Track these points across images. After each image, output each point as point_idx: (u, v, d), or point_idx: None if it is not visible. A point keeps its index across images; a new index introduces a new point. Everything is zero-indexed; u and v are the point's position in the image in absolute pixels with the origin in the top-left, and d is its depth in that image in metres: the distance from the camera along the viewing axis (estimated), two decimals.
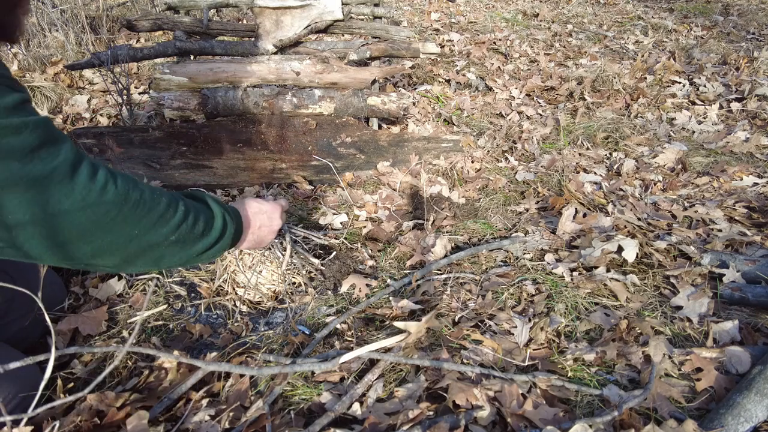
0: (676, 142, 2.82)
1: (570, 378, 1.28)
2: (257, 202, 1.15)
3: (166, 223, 0.86)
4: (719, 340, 1.38)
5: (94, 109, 3.08)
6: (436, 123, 3.06)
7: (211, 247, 0.95)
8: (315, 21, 2.52)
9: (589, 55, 4.35)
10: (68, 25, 3.74)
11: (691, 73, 3.82)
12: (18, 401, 1.09)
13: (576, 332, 1.44)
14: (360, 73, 2.55)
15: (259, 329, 1.52)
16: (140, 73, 3.59)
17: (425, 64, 4.01)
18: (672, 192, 2.26)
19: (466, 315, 1.52)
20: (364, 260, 1.87)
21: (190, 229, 0.89)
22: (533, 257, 1.80)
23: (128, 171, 2.26)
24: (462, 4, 6.05)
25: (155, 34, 4.17)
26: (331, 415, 1.14)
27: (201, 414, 1.16)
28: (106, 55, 2.45)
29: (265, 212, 1.15)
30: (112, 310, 1.52)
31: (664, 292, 1.60)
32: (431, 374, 1.26)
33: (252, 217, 1.12)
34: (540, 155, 2.67)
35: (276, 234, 1.20)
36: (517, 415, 1.14)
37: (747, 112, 3.15)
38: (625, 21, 5.57)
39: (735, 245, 1.79)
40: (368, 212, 2.15)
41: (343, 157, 2.47)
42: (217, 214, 0.97)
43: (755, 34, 4.91)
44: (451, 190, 2.31)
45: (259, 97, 2.51)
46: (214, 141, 2.42)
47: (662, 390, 1.21)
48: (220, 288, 1.65)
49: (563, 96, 3.52)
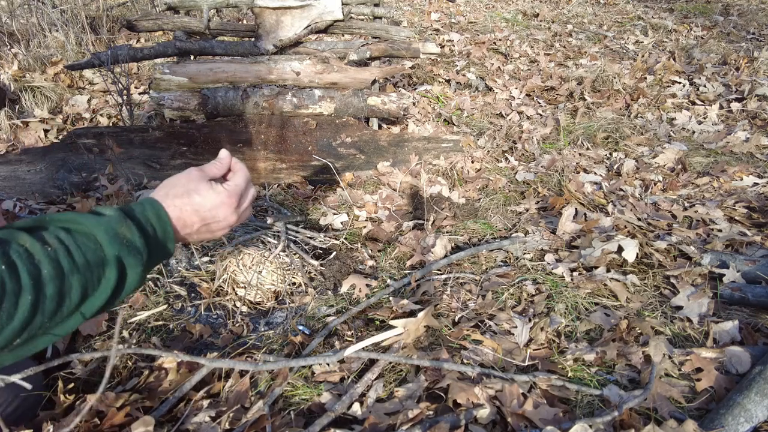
0: (676, 142, 2.82)
1: (570, 378, 1.28)
2: (198, 196, 0.74)
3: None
4: (719, 340, 1.38)
5: (94, 109, 3.08)
6: (436, 123, 3.06)
7: (107, 302, 0.65)
8: (315, 21, 2.52)
9: (589, 55, 4.35)
10: (68, 25, 3.74)
11: (691, 73, 3.82)
12: (19, 402, 1.09)
13: (576, 332, 1.44)
14: (360, 73, 2.55)
15: (259, 329, 1.52)
16: (140, 73, 3.59)
17: (425, 64, 4.01)
18: (672, 192, 2.25)
19: (466, 315, 1.52)
20: (364, 260, 1.87)
21: (50, 315, 0.58)
22: (533, 257, 1.80)
23: (128, 171, 2.26)
24: (462, 4, 6.05)
25: (155, 34, 4.17)
26: (331, 415, 1.14)
27: (201, 415, 1.16)
28: (106, 55, 2.45)
29: (208, 209, 0.75)
30: (112, 310, 1.52)
31: (664, 292, 1.60)
32: (431, 374, 1.26)
33: (186, 219, 0.74)
34: (540, 155, 2.67)
35: (229, 229, 0.81)
36: (517, 415, 1.14)
37: (747, 112, 3.15)
38: (625, 21, 5.57)
39: (735, 245, 1.79)
40: (368, 212, 2.15)
41: (343, 157, 2.47)
42: (110, 257, 0.63)
43: (755, 34, 4.90)
44: (451, 190, 2.31)
45: (259, 97, 2.51)
46: (214, 141, 2.42)
47: (662, 390, 1.21)
48: (220, 288, 1.65)
49: (563, 96, 3.52)
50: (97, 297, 0.63)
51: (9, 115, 2.86)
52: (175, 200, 0.72)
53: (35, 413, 1.13)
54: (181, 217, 0.73)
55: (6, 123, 2.78)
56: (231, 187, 0.77)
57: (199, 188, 0.74)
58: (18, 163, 2.21)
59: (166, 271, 1.70)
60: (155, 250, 0.70)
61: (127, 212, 0.67)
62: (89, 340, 1.42)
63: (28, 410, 1.12)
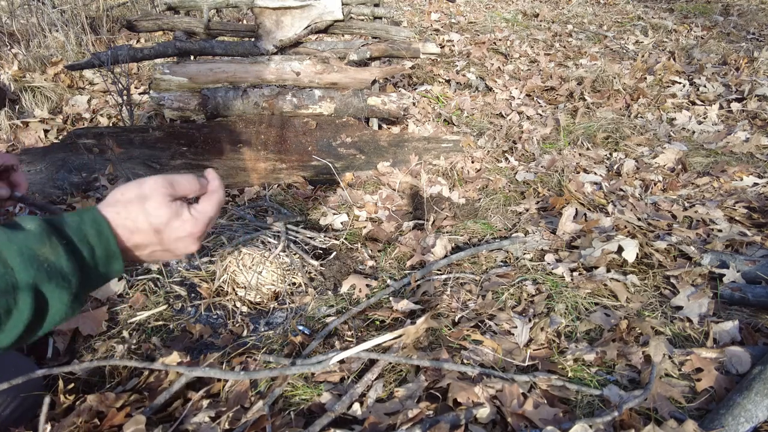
0: (676, 142, 2.82)
1: (570, 378, 1.28)
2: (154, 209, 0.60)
3: None
4: (719, 341, 1.38)
5: (94, 109, 3.08)
6: (436, 123, 3.06)
7: (20, 337, 0.53)
8: (315, 21, 2.52)
9: (589, 56, 4.35)
10: (68, 25, 3.74)
11: (691, 73, 3.82)
12: (18, 402, 1.09)
13: (576, 332, 1.44)
14: (360, 73, 2.55)
15: (259, 329, 1.52)
16: (140, 73, 3.59)
17: (425, 64, 4.01)
18: (672, 192, 2.25)
19: (466, 315, 1.52)
20: (364, 260, 1.87)
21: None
22: (533, 257, 1.80)
23: (128, 171, 2.26)
24: (462, 4, 6.05)
25: (155, 34, 4.17)
26: (331, 415, 1.14)
27: (201, 415, 1.16)
28: (107, 55, 2.45)
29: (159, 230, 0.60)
30: (112, 310, 1.53)
31: (664, 293, 1.60)
32: (431, 374, 1.26)
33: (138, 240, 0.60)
34: (540, 155, 2.67)
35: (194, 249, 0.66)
36: (517, 415, 1.14)
37: (747, 112, 3.15)
38: (625, 21, 5.57)
39: (735, 245, 1.79)
40: (368, 212, 2.15)
41: (343, 157, 2.47)
42: (22, 284, 0.51)
43: (755, 34, 4.90)
44: (451, 191, 2.31)
45: (259, 97, 2.51)
46: (214, 141, 2.42)
47: (662, 390, 1.21)
48: (220, 288, 1.65)
49: (563, 96, 3.52)
50: (7, 332, 0.51)
51: (9, 115, 2.86)
52: (123, 210, 0.58)
53: (35, 413, 1.13)
54: (131, 234, 0.59)
55: (6, 123, 2.78)
56: (199, 216, 0.63)
57: (158, 204, 0.60)
58: None
59: (166, 271, 1.70)
60: (91, 273, 0.57)
61: (54, 227, 0.54)
62: (89, 340, 1.42)
63: (28, 410, 1.12)
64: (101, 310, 1.48)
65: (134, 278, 1.64)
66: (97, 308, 1.49)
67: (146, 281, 1.64)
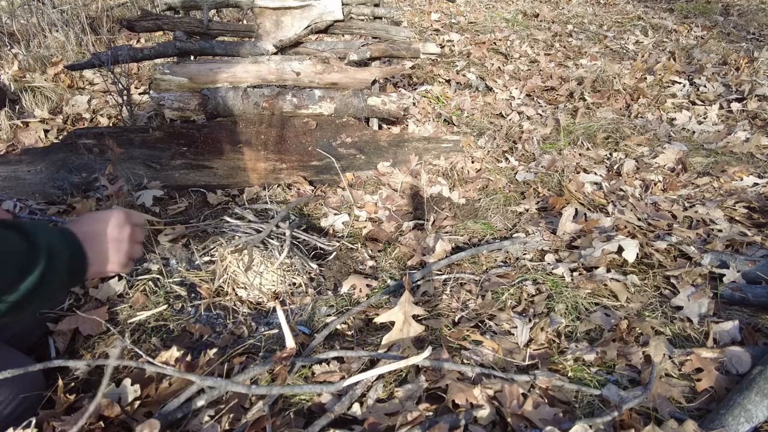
0: (676, 142, 2.82)
1: (570, 378, 1.28)
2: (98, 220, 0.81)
3: None
4: (719, 341, 1.38)
5: (94, 109, 3.08)
6: (437, 123, 3.06)
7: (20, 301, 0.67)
8: (315, 21, 2.52)
9: (589, 56, 4.35)
10: (68, 25, 3.74)
11: (691, 73, 3.82)
12: (19, 402, 1.09)
13: (576, 332, 1.44)
14: (360, 73, 2.55)
15: (259, 329, 1.52)
16: (140, 73, 3.58)
17: (425, 64, 4.01)
18: (672, 192, 2.25)
19: (466, 315, 1.52)
20: (364, 260, 1.87)
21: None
22: (533, 257, 1.80)
23: (129, 171, 2.26)
24: (462, 4, 6.05)
25: (155, 34, 4.17)
26: (330, 415, 1.14)
27: (201, 415, 1.16)
28: (107, 55, 2.45)
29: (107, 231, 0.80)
30: (112, 311, 1.53)
31: (665, 293, 1.60)
32: (431, 375, 1.26)
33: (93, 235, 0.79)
34: (540, 155, 2.67)
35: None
36: (517, 415, 1.14)
37: (747, 112, 3.15)
38: (625, 21, 5.57)
39: (735, 245, 1.79)
40: (368, 212, 2.15)
41: (343, 157, 2.47)
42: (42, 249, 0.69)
43: (755, 35, 4.90)
44: (452, 191, 2.31)
45: (259, 97, 2.51)
46: (214, 141, 2.42)
47: (662, 390, 1.21)
48: (221, 288, 1.65)
49: (563, 96, 3.52)
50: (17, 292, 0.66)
51: (9, 115, 2.86)
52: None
53: (35, 413, 1.13)
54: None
55: (6, 123, 2.78)
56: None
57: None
58: (18, 164, 2.21)
59: (166, 271, 1.70)
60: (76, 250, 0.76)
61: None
62: (89, 340, 1.42)
63: (28, 410, 1.12)
64: (101, 311, 1.48)
65: (134, 278, 1.64)
66: (97, 308, 1.49)
67: (146, 281, 1.64)
